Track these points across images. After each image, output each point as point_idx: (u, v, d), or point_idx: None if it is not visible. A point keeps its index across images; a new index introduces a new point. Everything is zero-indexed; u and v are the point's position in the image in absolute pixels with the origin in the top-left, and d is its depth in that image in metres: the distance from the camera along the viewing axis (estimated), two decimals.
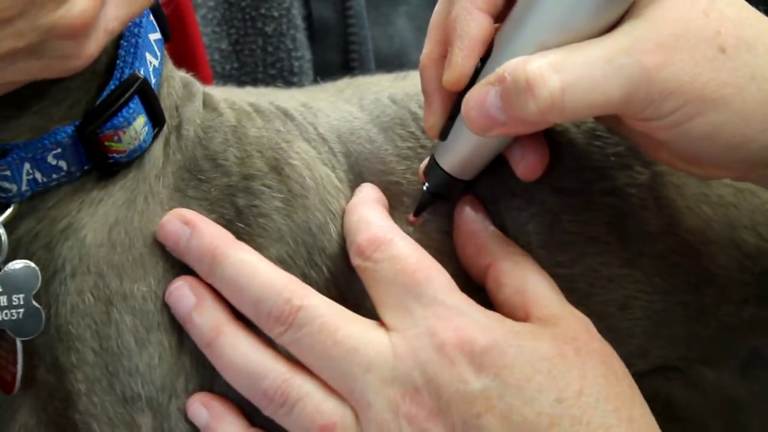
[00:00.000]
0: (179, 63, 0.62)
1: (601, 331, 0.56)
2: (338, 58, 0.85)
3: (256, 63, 0.82)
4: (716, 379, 0.63)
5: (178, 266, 0.56)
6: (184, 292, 0.55)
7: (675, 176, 0.60)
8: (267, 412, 0.54)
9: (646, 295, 0.60)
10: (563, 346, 0.53)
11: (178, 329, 0.56)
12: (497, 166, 0.58)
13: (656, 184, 0.60)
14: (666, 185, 0.60)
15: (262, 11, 0.81)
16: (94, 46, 0.51)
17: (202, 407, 0.55)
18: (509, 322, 0.54)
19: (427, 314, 0.53)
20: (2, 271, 0.53)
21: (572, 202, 0.60)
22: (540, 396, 0.51)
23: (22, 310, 0.53)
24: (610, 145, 0.60)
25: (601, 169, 0.60)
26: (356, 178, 0.59)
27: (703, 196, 0.61)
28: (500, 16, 0.54)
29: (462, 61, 0.53)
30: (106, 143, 0.54)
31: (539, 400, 0.51)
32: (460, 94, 0.54)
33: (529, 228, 0.59)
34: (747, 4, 0.52)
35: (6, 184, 0.53)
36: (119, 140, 0.54)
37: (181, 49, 0.70)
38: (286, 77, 0.82)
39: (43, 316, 0.54)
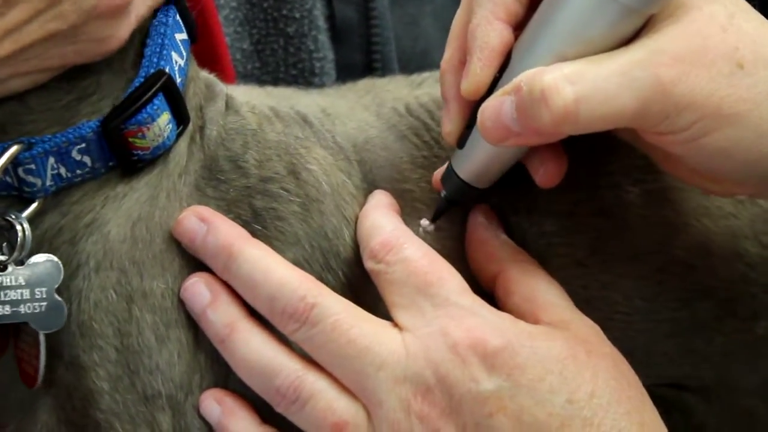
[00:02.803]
0: (203, 62, 0.62)
1: None
2: (361, 58, 0.85)
3: (277, 63, 0.82)
4: (732, 394, 0.63)
5: (194, 263, 0.57)
6: (199, 289, 0.56)
7: (671, 191, 0.60)
8: (279, 408, 0.54)
9: (623, 316, 0.59)
10: (575, 347, 0.53)
11: (194, 326, 0.56)
12: (506, 185, 0.58)
13: (646, 202, 0.60)
14: (658, 202, 0.60)
15: (284, 12, 0.82)
16: (126, 29, 0.52)
17: (214, 403, 0.56)
18: (521, 323, 0.54)
19: (439, 314, 0.53)
20: (25, 264, 0.54)
21: (564, 224, 0.60)
22: (551, 397, 0.52)
23: (44, 304, 0.54)
24: (600, 164, 0.60)
25: (590, 189, 0.60)
26: (370, 186, 0.60)
27: (702, 208, 0.60)
28: (520, 26, 0.55)
29: (480, 71, 0.54)
30: (130, 139, 0.54)
31: (551, 401, 0.52)
32: (478, 103, 0.54)
33: (530, 250, 0.59)
34: (766, 20, 0.52)
35: (31, 178, 0.54)
36: (143, 136, 0.55)
37: (205, 49, 0.70)
38: (307, 77, 0.82)
39: (66, 310, 0.54)
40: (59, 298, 0.54)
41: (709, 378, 0.62)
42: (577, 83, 0.49)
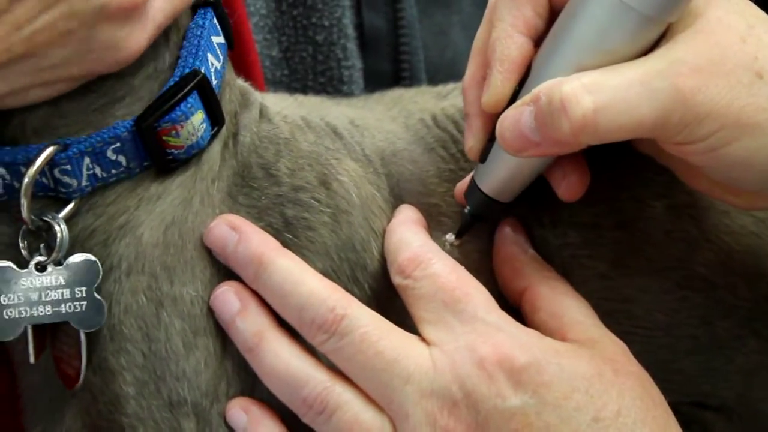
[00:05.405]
0: (235, 70, 0.63)
1: None
2: (389, 67, 0.85)
3: (306, 71, 0.83)
4: (753, 416, 0.62)
5: (224, 271, 0.57)
6: (228, 297, 0.56)
7: (692, 208, 0.60)
8: (306, 419, 0.55)
9: (644, 331, 0.59)
10: (602, 366, 0.53)
11: (222, 334, 0.56)
12: (530, 197, 0.58)
13: (669, 217, 0.60)
14: (681, 218, 0.60)
15: (313, 20, 0.82)
16: (142, 36, 0.52)
17: (241, 411, 0.56)
18: (548, 340, 0.54)
19: (466, 330, 0.54)
20: (64, 264, 0.54)
21: (588, 237, 0.60)
22: (577, 415, 0.52)
23: (85, 303, 0.54)
24: (623, 177, 0.60)
25: (613, 202, 0.60)
26: (396, 200, 0.60)
27: (723, 226, 0.60)
28: (540, 39, 0.55)
29: (501, 83, 0.54)
30: (164, 137, 0.55)
31: (576, 419, 0.52)
32: (499, 116, 0.54)
33: (555, 262, 0.60)
34: None
35: (66, 179, 0.54)
36: (177, 135, 0.55)
37: (237, 57, 0.71)
38: (335, 85, 0.82)
39: (105, 308, 0.54)
40: (99, 297, 0.54)
41: (730, 398, 0.62)
42: (596, 93, 0.49)
